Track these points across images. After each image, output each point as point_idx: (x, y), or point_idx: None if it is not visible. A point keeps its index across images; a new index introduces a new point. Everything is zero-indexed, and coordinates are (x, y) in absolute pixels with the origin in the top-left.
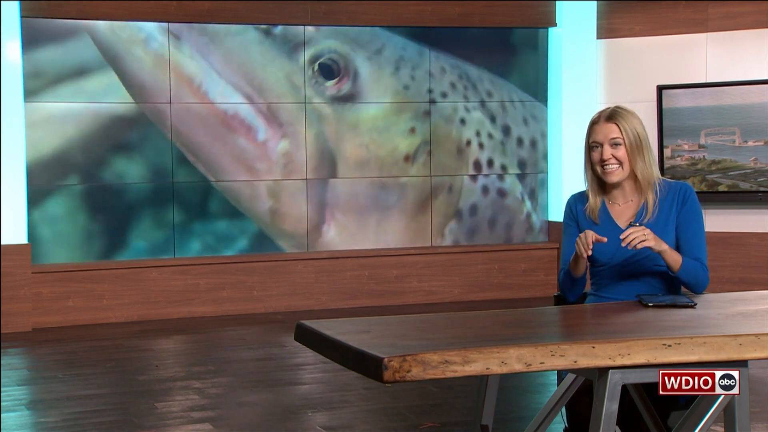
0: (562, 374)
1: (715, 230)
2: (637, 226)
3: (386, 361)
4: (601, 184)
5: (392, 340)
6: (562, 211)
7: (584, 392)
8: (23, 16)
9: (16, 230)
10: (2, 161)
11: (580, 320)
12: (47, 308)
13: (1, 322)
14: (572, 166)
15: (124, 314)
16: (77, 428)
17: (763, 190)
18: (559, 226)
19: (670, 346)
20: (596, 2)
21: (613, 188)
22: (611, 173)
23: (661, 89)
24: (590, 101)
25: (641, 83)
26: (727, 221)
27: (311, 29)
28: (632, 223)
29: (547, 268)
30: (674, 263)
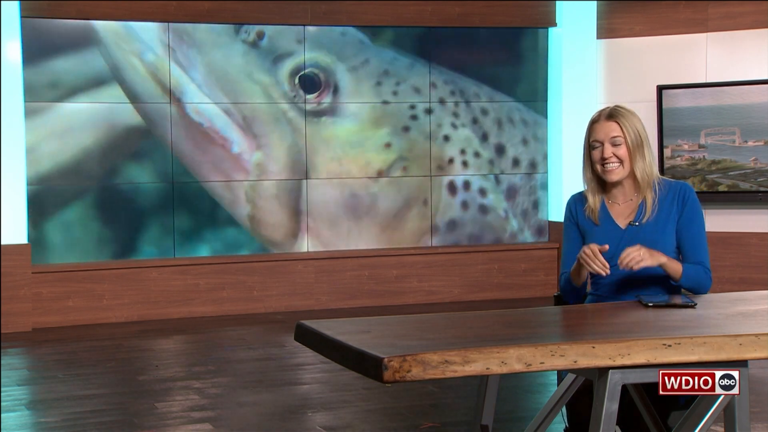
0: (562, 374)
1: (715, 230)
2: (632, 247)
3: (386, 361)
4: (600, 183)
5: (392, 340)
6: (562, 211)
7: (584, 392)
8: (23, 16)
9: (16, 230)
10: (2, 161)
11: (580, 320)
12: (47, 308)
13: (1, 322)
14: (572, 166)
15: (124, 314)
16: (77, 428)
17: (763, 190)
18: (559, 226)
19: (670, 346)
20: (596, 2)
21: (612, 187)
22: (612, 172)
23: (661, 89)
24: (590, 101)
25: (641, 83)
26: (727, 221)
27: (297, 42)
28: (632, 222)
29: (547, 268)
30: (675, 273)
